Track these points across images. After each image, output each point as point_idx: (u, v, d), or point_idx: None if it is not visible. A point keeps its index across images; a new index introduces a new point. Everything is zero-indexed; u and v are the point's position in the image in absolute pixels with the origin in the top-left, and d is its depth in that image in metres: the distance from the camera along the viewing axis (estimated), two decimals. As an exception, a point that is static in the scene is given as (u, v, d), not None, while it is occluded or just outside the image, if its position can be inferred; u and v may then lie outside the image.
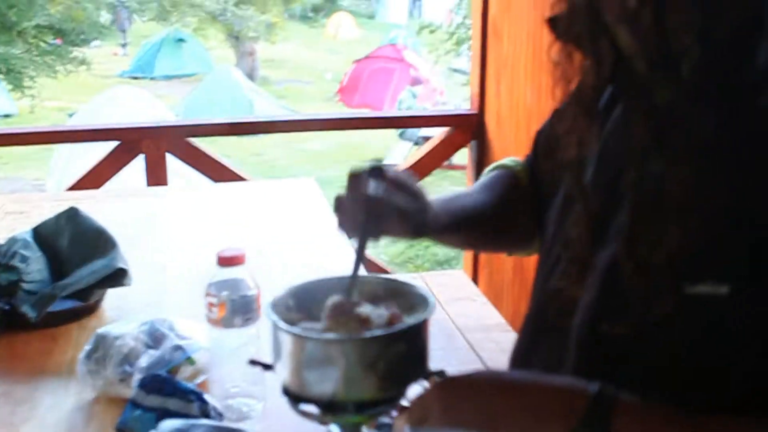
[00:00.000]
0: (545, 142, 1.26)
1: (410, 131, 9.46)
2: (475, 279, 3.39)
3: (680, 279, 0.82)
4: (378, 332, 0.98)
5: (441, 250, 6.06)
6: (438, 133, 3.82)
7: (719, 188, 0.81)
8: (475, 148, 3.63)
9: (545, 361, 1.03)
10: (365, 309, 1.01)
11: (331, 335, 0.98)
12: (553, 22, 0.97)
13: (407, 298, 1.10)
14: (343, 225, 1.13)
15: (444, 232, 1.19)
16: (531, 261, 1.22)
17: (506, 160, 1.34)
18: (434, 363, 1.01)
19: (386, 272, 3.64)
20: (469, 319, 2.55)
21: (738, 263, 0.79)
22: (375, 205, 1.06)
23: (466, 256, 3.59)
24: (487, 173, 1.34)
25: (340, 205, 1.11)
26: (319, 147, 10.41)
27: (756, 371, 0.79)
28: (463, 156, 4.06)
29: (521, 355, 1.13)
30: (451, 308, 2.62)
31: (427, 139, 4.73)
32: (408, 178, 1.11)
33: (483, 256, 3.42)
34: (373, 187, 1.06)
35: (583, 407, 0.80)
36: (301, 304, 1.08)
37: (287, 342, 0.99)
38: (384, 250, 6.18)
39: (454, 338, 2.40)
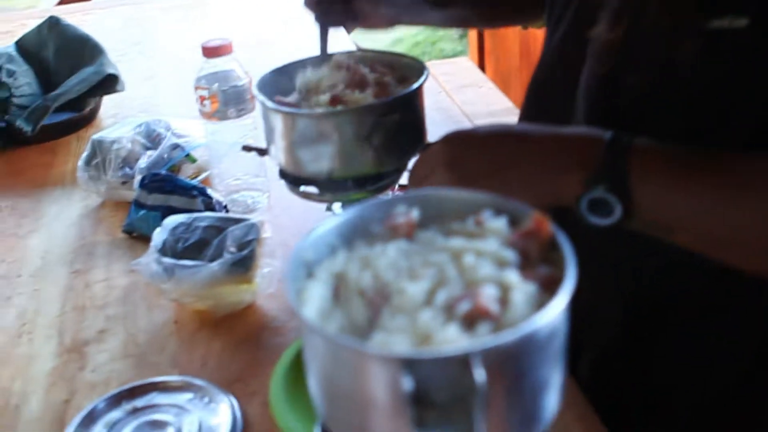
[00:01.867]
0: None
1: None
2: (481, 66, 3.29)
3: (700, 14, 0.76)
4: (370, 103, 0.93)
5: (449, 46, 5.88)
6: None
7: None
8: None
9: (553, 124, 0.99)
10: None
11: (321, 109, 0.94)
12: None
13: (401, 70, 1.04)
14: (316, 16, 1.11)
15: (425, 12, 1.12)
16: (538, 45, 1.15)
17: None
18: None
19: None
20: (477, 105, 2.49)
21: None
22: None
23: (472, 43, 3.47)
24: None
25: None
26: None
27: None
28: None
29: (527, 121, 1.08)
30: (458, 96, 2.56)
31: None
32: None
33: (489, 43, 3.31)
34: None
35: (599, 153, 0.76)
36: (288, 86, 1.03)
37: (278, 121, 0.96)
38: (389, 49, 6.03)
39: (463, 125, 2.36)
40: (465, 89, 2.63)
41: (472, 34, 3.53)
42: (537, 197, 0.78)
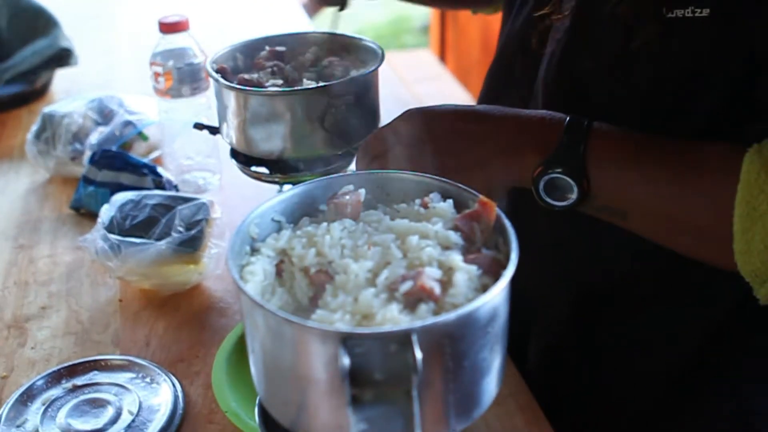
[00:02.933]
0: None
1: None
2: (443, 58, 3.30)
3: (660, 3, 0.77)
4: (323, 86, 0.93)
5: (411, 39, 5.88)
6: None
7: None
8: None
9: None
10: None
11: (273, 88, 0.93)
12: None
13: (356, 52, 1.04)
14: None
15: None
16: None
17: None
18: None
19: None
20: (435, 98, 2.49)
21: None
22: None
23: (434, 35, 3.47)
24: None
25: None
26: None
27: (730, 96, 0.76)
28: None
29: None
30: (417, 88, 2.56)
31: None
32: None
33: (450, 36, 3.31)
34: None
35: (558, 136, 0.76)
36: (247, 60, 1.02)
37: (231, 99, 0.95)
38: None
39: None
40: (424, 81, 2.63)
41: (434, 26, 3.54)
42: (495, 177, 0.78)
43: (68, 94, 1.70)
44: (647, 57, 0.79)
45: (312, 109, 0.91)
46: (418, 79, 2.66)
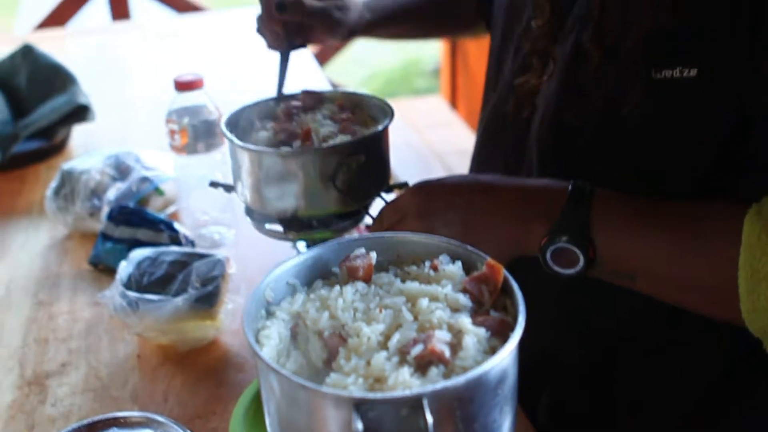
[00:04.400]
0: None
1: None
2: (454, 103, 3.34)
3: (648, 65, 0.79)
4: (335, 143, 0.95)
5: (422, 81, 5.94)
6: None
7: None
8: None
9: (506, 164, 1.02)
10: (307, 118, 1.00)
11: (287, 149, 0.96)
12: None
13: (367, 110, 1.07)
14: (268, 43, 1.16)
15: (376, 26, 1.17)
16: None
17: None
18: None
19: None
20: (446, 144, 2.53)
21: (708, 46, 0.76)
22: (289, 13, 1.08)
23: (444, 80, 3.52)
24: None
25: (259, 24, 1.14)
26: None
27: (721, 151, 0.78)
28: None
29: (480, 160, 1.11)
30: (428, 134, 2.60)
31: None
32: None
33: (461, 80, 3.36)
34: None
35: (561, 205, 0.79)
36: (256, 123, 1.05)
37: (244, 159, 0.97)
38: (363, 85, 6.07)
39: (431, 163, 2.39)
40: (435, 128, 2.66)
41: (445, 71, 3.58)
42: (503, 247, 0.81)
43: (86, 149, 1.74)
44: (637, 117, 0.82)
45: (324, 169, 0.93)
46: (430, 126, 2.69)
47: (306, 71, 2.17)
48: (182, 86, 1.29)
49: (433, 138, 2.57)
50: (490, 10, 1.13)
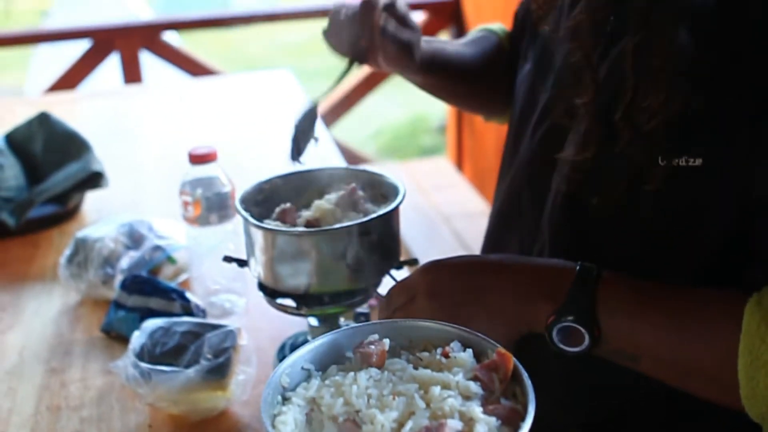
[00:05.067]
0: (521, 20, 1.25)
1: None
2: (460, 164, 3.38)
3: (657, 153, 0.82)
4: (347, 225, 0.98)
5: (428, 139, 6.02)
6: (417, 18, 3.76)
7: (714, 55, 0.80)
8: (454, 34, 3.57)
9: (521, 242, 1.04)
10: (311, 208, 1.03)
11: (300, 228, 0.98)
12: None
13: (379, 187, 1.10)
14: (334, 37, 1.15)
15: (428, 68, 1.19)
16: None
17: (494, 26, 1.34)
18: (417, 251, 1.02)
19: (369, 161, 3.63)
20: (453, 206, 2.56)
21: (712, 137, 0.79)
22: (384, 36, 1.08)
23: (450, 141, 3.57)
24: (475, 32, 1.34)
25: (341, 17, 1.13)
26: (299, 38, 10.18)
27: (725, 239, 0.81)
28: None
29: (495, 238, 1.13)
30: (435, 196, 2.63)
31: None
32: (409, 14, 1.13)
33: (467, 142, 3.41)
34: (383, 18, 1.09)
35: (568, 286, 0.81)
36: (269, 200, 1.08)
37: (258, 237, 1.00)
38: (368, 142, 6.14)
39: (438, 226, 2.41)
40: (442, 189, 2.70)
41: (451, 130, 3.64)
42: (511, 325, 0.83)
43: (99, 215, 1.77)
44: (653, 196, 0.84)
45: (336, 247, 0.96)
46: (436, 187, 2.73)
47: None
48: (196, 159, 1.32)
49: (439, 200, 2.60)
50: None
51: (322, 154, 1.86)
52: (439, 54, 1.20)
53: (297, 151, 1.11)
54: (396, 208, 1.01)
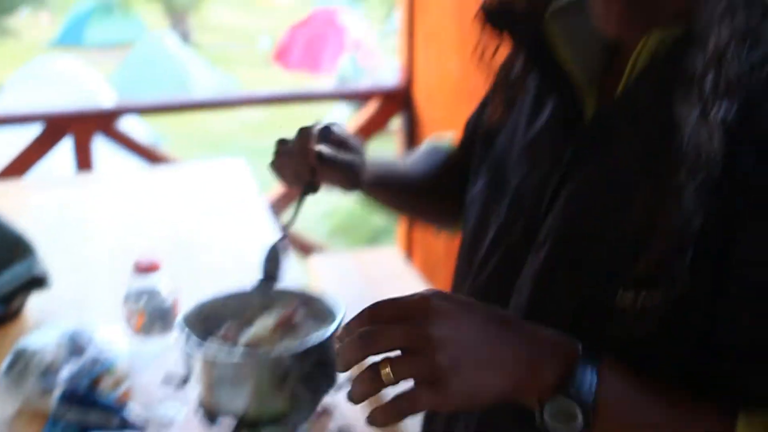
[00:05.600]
0: (471, 132, 1.27)
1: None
2: (409, 254, 3.41)
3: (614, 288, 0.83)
4: (286, 351, 0.99)
5: (378, 222, 6.05)
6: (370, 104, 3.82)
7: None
8: (405, 119, 3.64)
9: None
10: (249, 332, 1.03)
11: (238, 357, 0.99)
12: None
13: (318, 305, 1.11)
14: (279, 170, 1.16)
15: (375, 187, 1.20)
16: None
17: (446, 138, 1.37)
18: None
19: (319, 248, 3.64)
20: (402, 297, 2.56)
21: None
22: (323, 163, 1.10)
23: (401, 232, 3.60)
24: (425, 146, 1.37)
25: (283, 151, 1.14)
26: (258, 115, 10.29)
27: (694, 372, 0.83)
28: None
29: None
30: (385, 287, 2.64)
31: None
32: (350, 137, 1.16)
33: (417, 233, 3.44)
34: (321, 145, 1.10)
35: (574, 362, 0.78)
36: (210, 319, 1.09)
37: (197, 361, 1.00)
38: (321, 222, 6.16)
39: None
40: (392, 280, 2.71)
41: (401, 220, 3.68)
42: (506, 382, 0.78)
43: (41, 314, 1.75)
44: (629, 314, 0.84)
45: (275, 374, 0.96)
46: (386, 277, 2.74)
47: (258, 224, 2.22)
48: (141, 269, 1.32)
49: (390, 291, 2.61)
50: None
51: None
52: (388, 172, 1.23)
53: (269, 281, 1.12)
54: (334, 333, 1.02)
